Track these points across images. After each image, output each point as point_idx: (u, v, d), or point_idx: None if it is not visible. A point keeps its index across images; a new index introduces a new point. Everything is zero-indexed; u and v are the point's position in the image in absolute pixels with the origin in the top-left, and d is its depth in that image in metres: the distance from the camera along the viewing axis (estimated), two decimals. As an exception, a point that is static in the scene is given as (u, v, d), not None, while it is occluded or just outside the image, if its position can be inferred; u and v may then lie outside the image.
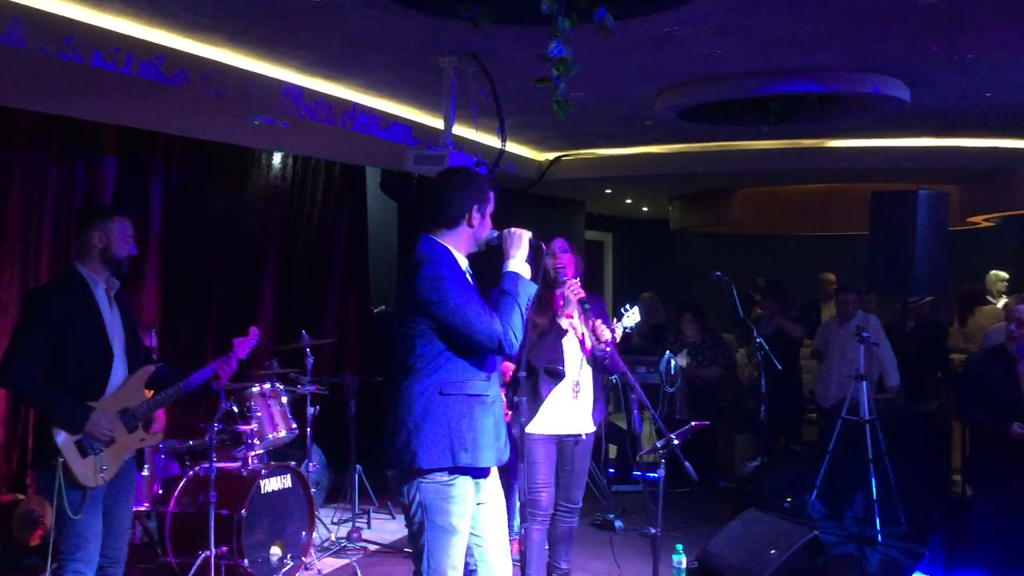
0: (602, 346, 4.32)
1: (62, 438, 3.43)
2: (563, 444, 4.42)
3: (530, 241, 3.15)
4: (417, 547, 3.03)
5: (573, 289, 4.23)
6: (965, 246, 9.53)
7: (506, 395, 4.08)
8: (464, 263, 3.13)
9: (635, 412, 4.88)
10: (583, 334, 4.42)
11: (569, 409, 4.40)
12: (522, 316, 3.01)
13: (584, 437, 4.46)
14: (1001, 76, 5.42)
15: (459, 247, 3.11)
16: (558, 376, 4.37)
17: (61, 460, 3.41)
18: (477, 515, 3.14)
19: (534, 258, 3.18)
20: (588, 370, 4.46)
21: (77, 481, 3.44)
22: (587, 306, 4.20)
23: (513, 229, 3.14)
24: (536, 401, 4.35)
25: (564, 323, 4.33)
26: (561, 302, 4.40)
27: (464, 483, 3.02)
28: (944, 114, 6.66)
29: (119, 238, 3.61)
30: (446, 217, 3.09)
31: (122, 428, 3.59)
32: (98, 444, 3.50)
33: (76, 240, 3.67)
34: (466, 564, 3.15)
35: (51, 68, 4.17)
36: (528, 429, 4.27)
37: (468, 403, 3.00)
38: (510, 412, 4.77)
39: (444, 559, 2.99)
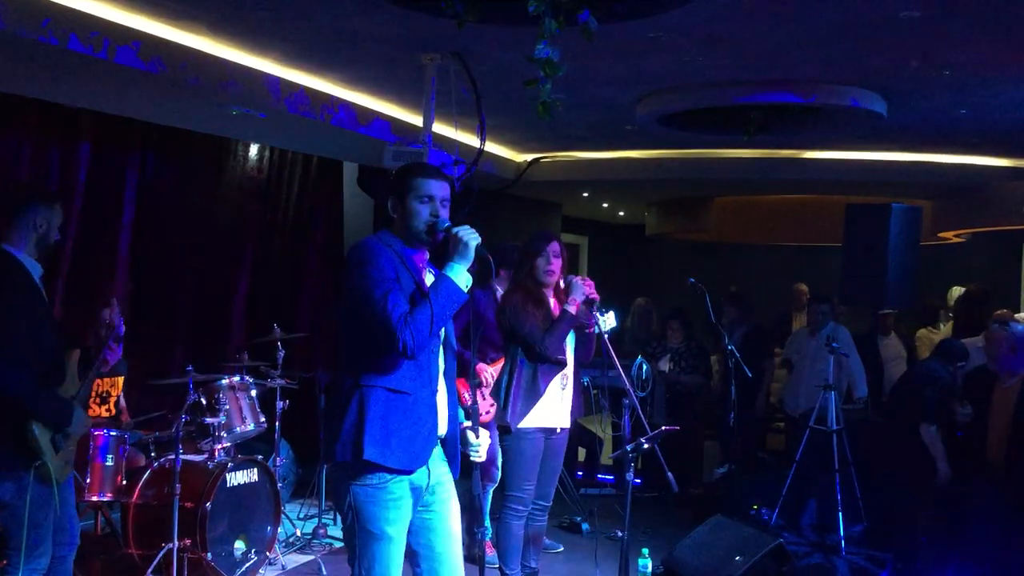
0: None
1: (40, 439, 3.32)
2: (546, 438, 4.42)
3: (477, 250, 2.90)
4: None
5: (586, 285, 4.26)
6: (935, 261, 9.63)
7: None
8: (406, 256, 2.96)
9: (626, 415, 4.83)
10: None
11: (558, 401, 4.40)
12: (432, 321, 2.81)
13: (560, 431, 4.46)
14: (977, 93, 5.49)
15: (403, 239, 2.99)
16: (561, 365, 4.37)
17: (41, 461, 3.32)
18: (425, 523, 3.02)
19: (480, 269, 2.98)
20: (572, 364, 4.47)
21: (51, 479, 3.36)
22: (596, 307, 4.23)
23: (459, 232, 2.90)
24: (534, 394, 4.30)
25: (571, 309, 4.31)
26: (562, 294, 4.38)
27: (396, 480, 2.89)
28: (919, 129, 6.74)
29: (55, 225, 3.47)
30: (385, 213, 3.04)
31: None
32: (65, 439, 3.43)
33: (10, 218, 3.40)
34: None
35: (27, 50, 4.10)
36: (522, 424, 4.29)
37: (385, 396, 2.86)
38: (491, 408, 4.76)
39: (369, 564, 2.88)
